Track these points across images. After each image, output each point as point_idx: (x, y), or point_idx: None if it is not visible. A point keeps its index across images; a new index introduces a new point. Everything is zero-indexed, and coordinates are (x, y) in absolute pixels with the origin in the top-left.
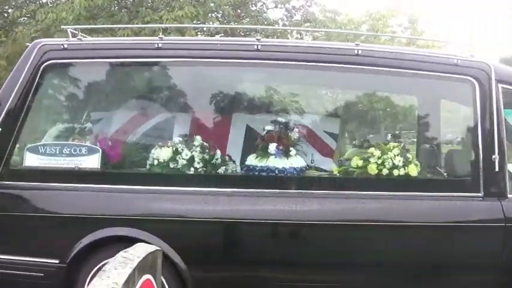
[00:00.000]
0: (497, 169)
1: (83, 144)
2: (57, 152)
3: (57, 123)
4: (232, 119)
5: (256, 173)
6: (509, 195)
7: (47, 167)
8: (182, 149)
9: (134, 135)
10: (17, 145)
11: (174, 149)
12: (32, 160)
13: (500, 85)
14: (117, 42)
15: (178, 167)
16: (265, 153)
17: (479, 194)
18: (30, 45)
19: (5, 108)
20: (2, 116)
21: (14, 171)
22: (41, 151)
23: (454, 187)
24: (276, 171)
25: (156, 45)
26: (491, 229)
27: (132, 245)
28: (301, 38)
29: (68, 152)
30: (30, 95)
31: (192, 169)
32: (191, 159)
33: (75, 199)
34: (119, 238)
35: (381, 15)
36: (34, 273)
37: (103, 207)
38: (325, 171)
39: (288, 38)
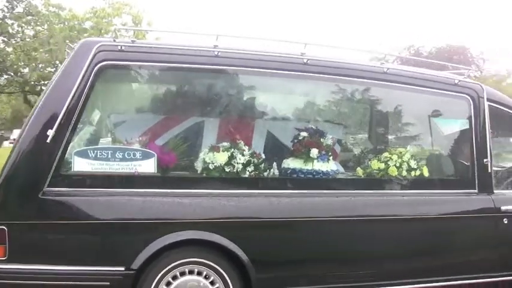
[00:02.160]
0: (489, 170)
1: (137, 148)
2: (110, 157)
3: (109, 127)
4: (272, 127)
5: (302, 176)
6: (495, 191)
7: (99, 172)
8: (236, 154)
9: (188, 140)
10: (71, 150)
11: (230, 153)
12: (83, 165)
13: (487, 103)
14: (173, 47)
15: (234, 170)
16: (308, 158)
17: (475, 190)
18: (80, 44)
19: (63, 110)
20: (59, 119)
21: (68, 177)
22: (91, 155)
23: (456, 185)
24: (321, 174)
25: (215, 53)
26: (486, 218)
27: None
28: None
29: (121, 157)
30: (83, 97)
31: (247, 173)
32: (247, 163)
33: (137, 204)
34: (182, 242)
35: (106, 13)
36: (99, 283)
37: (167, 211)
38: (351, 173)
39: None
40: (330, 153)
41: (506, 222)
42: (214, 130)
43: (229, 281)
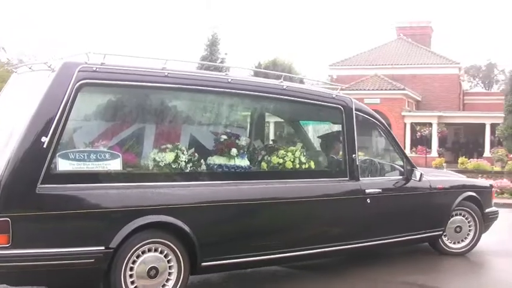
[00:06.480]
0: (357, 163)
1: (106, 150)
2: (86, 158)
3: (84, 133)
4: (206, 132)
5: (227, 170)
6: (360, 179)
7: (80, 171)
8: (179, 154)
9: (144, 143)
10: (57, 154)
11: (175, 153)
12: (66, 165)
13: (355, 112)
14: (134, 69)
15: (179, 166)
16: (231, 156)
17: (347, 178)
18: (62, 64)
19: (55, 119)
20: (52, 127)
21: (56, 176)
22: (71, 157)
23: (333, 175)
24: (241, 169)
25: (165, 73)
26: (355, 199)
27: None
28: None
29: (95, 158)
30: (67, 109)
31: (188, 168)
32: (188, 161)
33: (112, 195)
34: (148, 225)
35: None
36: (85, 260)
37: (135, 200)
38: (260, 167)
39: None
40: (246, 152)
41: (369, 201)
42: (165, 135)
43: (179, 254)
